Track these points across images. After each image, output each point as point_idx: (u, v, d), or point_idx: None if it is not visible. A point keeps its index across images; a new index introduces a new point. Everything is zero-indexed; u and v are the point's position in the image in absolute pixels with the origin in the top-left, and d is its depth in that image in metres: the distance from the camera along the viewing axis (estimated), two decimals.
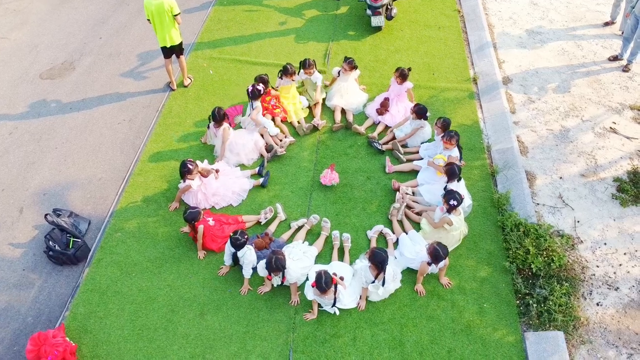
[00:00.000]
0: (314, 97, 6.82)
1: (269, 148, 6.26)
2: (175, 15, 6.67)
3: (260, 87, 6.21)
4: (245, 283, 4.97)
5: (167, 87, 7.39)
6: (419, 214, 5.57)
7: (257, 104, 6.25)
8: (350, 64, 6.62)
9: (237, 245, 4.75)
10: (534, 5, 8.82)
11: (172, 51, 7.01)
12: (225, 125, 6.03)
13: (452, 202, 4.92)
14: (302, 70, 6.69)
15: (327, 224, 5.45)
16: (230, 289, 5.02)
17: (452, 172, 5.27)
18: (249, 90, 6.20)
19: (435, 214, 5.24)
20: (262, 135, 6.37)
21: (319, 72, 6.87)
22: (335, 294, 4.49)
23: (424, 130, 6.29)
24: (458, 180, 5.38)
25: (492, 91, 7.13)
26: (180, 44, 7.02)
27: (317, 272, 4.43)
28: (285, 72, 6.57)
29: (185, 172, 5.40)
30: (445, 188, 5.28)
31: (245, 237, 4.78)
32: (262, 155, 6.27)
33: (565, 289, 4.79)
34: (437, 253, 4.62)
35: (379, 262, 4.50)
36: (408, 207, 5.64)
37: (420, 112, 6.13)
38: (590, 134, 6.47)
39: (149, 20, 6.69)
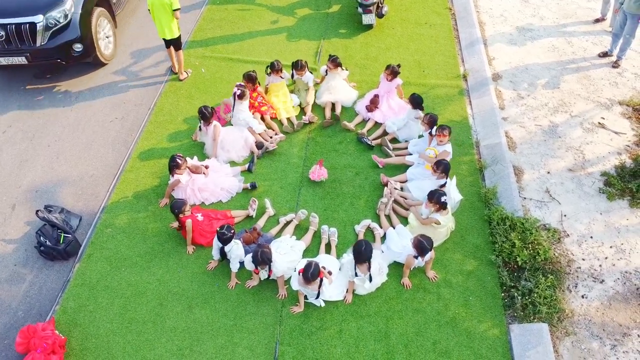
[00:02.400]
0: (304, 96, 6.88)
1: (259, 145, 6.31)
2: (175, 10, 6.82)
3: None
4: (233, 277, 5.02)
5: (169, 71, 7.67)
6: (406, 208, 5.61)
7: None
8: (334, 61, 6.67)
9: (224, 239, 4.80)
10: (524, 2, 8.87)
11: (170, 43, 7.24)
12: (215, 122, 6.09)
13: (443, 199, 4.95)
14: (294, 71, 6.74)
15: (315, 219, 5.50)
16: (217, 283, 5.07)
17: (446, 168, 5.34)
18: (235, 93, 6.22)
19: (422, 210, 5.29)
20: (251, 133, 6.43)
21: (310, 70, 6.93)
22: (320, 287, 4.54)
23: (419, 123, 6.31)
24: (451, 179, 5.42)
25: (481, 87, 7.18)
26: (179, 37, 7.20)
27: (308, 262, 4.49)
28: (273, 68, 6.63)
29: (173, 166, 5.46)
30: (443, 185, 5.31)
31: (232, 231, 4.83)
32: (252, 152, 6.32)
33: (551, 282, 4.83)
34: (422, 245, 4.66)
35: (356, 252, 4.58)
36: (396, 202, 5.68)
37: (415, 100, 6.18)
38: (579, 130, 6.50)
39: (149, 10, 6.89)
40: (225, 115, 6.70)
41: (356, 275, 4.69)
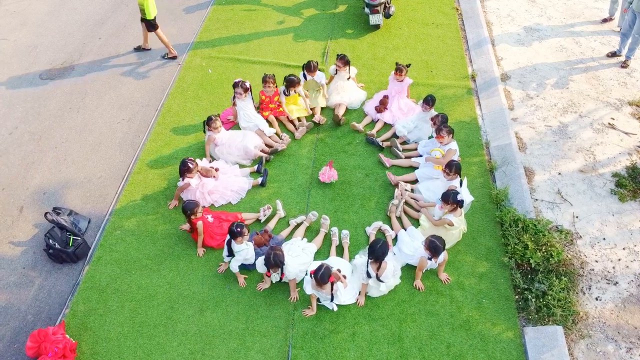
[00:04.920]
0: (316, 97, 6.83)
1: (267, 147, 6.27)
2: None
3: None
4: (238, 276, 4.98)
5: (165, 55, 7.96)
6: (418, 210, 5.58)
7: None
8: (343, 59, 6.63)
9: (233, 233, 4.71)
10: (532, 2, 8.83)
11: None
12: (209, 133, 6.02)
13: (458, 197, 4.91)
14: (305, 72, 6.68)
15: (326, 220, 5.46)
16: (228, 286, 5.03)
17: (458, 168, 5.31)
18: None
19: (435, 212, 5.25)
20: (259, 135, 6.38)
21: (319, 70, 6.88)
22: (332, 290, 4.50)
23: (429, 124, 6.28)
24: (460, 184, 5.37)
25: (490, 88, 7.14)
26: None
27: (320, 264, 4.45)
28: (292, 84, 6.50)
29: (185, 170, 5.42)
30: (457, 185, 5.27)
31: (242, 228, 4.71)
32: (260, 156, 6.24)
33: (564, 284, 4.79)
34: (434, 245, 4.62)
35: (378, 254, 4.52)
36: (407, 203, 5.65)
37: (432, 101, 6.21)
38: (589, 130, 6.47)
39: None
40: (230, 117, 6.66)
41: (368, 275, 4.65)
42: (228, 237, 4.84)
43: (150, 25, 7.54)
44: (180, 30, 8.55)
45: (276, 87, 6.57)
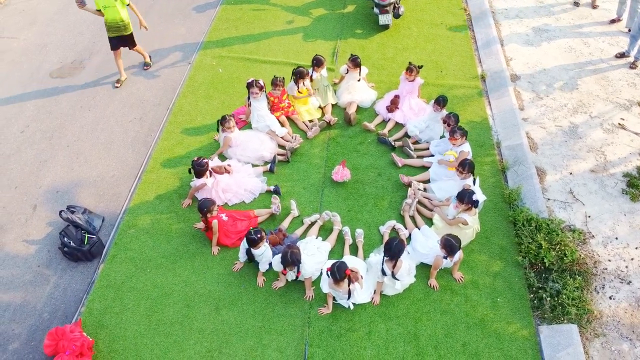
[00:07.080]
0: (324, 95, 6.86)
1: (280, 148, 6.30)
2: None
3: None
4: (260, 275, 5.02)
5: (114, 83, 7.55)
6: (431, 209, 5.60)
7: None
8: (354, 61, 6.65)
9: (252, 241, 4.76)
10: (540, 3, 8.86)
11: None
12: (226, 134, 6.05)
13: (474, 197, 4.93)
14: (313, 69, 6.71)
15: (336, 217, 5.47)
16: (244, 285, 5.05)
17: (471, 167, 5.33)
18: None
19: (449, 211, 5.27)
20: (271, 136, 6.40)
21: (328, 70, 6.91)
22: (349, 286, 4.52)
23: (441, 124, 6.31)
24: (473, 183, 5.40)
25: (500, 88, 7.17)
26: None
27: (335, 261, 4.48)
28: (301, 75, 6.54)
29: (199, 170, 5.43)
30: (471, 184, 5.28)
31: (260, 234, 4.77)
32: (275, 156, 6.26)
33: (578, 283, 4.82)
34: (450, 244, 4.64)
35: (394, 252, 4.54)
36: (420, 202, 5.67)
37: (444, 101, 6.23)
38: (599, 130, 6.50)
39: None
40: (242, 115, 6.68)
41: (384, 272, 4.66)
42: (246, 244, 4.86)
43: (132, 40, 7.25)
44: (189, 30, 8.57)
45: (283, 87, 6.59)
